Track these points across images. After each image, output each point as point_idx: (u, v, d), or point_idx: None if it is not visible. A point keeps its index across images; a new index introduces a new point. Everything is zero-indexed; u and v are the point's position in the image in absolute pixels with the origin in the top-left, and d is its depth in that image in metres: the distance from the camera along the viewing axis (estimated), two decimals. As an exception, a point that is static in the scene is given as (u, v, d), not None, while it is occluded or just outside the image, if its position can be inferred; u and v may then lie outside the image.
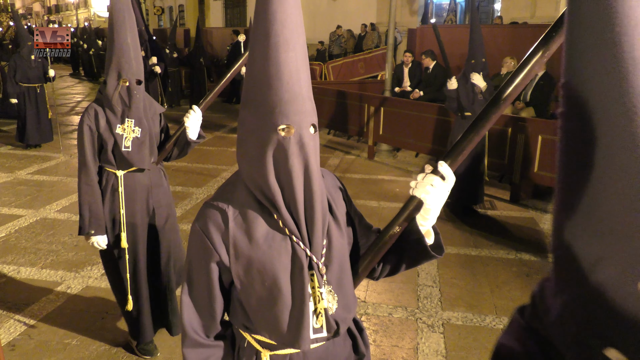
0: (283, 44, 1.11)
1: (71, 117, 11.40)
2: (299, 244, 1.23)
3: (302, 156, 1.18)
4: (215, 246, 1.24)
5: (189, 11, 26.67)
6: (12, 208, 5.53)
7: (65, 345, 3.17)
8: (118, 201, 2.77)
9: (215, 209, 1.26)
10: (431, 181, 1.29)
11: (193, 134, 2.73)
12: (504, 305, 3.71)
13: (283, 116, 1.13)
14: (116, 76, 2.57)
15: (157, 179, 2.92)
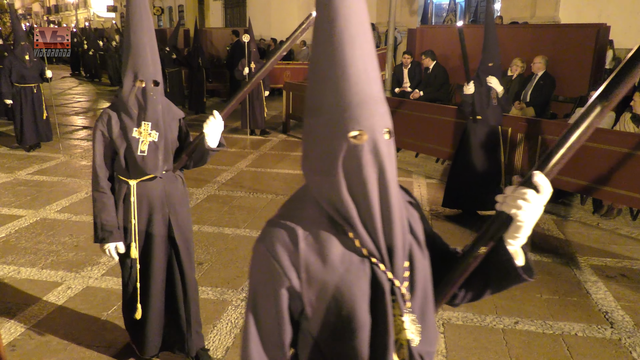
0: (349, 41, 1.01)
1: (71, 118, 11.40)
2: (379, 265, 1.09)
3: (377, 165, 1.04)
4: (285, 270, 1.09)
5: (188, 11, 26.68)
6: (12, 208, 5.53)
7: (65, 345, 3.17)
8: (130, 211, 2.68)
9: (282, 227, 1.11)
10: (523, 194, 1.13)
11: (213, 142, 2.59)
12: (505, 305, 3.71)
13: (354, 121, 1.01)
14: (132, 77, 2.47)
15: (173, 187, 2.78)
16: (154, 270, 2.80)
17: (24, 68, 7.64)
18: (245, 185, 6.47)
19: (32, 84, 7.82)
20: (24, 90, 7.79)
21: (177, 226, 2.80)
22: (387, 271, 1.09)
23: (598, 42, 7.08)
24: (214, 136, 2.58)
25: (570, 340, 3.30)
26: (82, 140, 9.09)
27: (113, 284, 3.93)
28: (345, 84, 1.01)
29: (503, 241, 1.17)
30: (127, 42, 2.46)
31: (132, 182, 2.65)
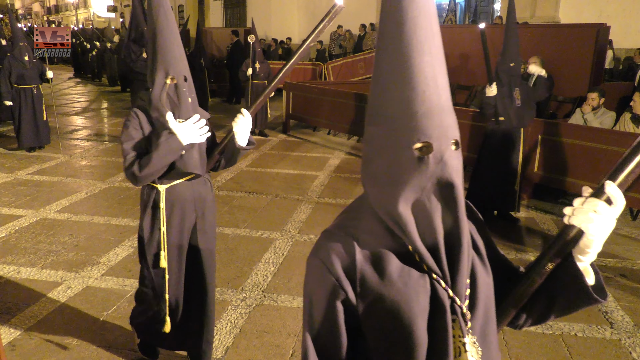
0: (417, 47, 0.95)
1: (71, 118, 11.40)
2: (440, 282, 1.03)
3: (443, 178, 0.98)
4: (340, 282, 1.03)
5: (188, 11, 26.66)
6: (12, 208, 5.53)
7: (65, 345, 3.17)
8: (159, 218, 2.59)
9: (338, 239, 1.07)
10: (594, 207, 1.04)
11: (242, 140, 2.52)
12: (504, 305, 3.71)
13: (420, 132, 0.95)
14: (163, 75, 2.40)
15: (203, 191, 2.70)
16: (181, 280, 2.72)
17: (23, 69, 7.58)
18: (245, 185, 6.47)
19: (32, 85, 7.74)
20: (24, 91, 7.72)
21: (203, 234, 2.72)
22: (448, 288, 1.03)
23: (598, 42, 7.08)
24: (243, 134, 2.51)
25: (570, 341, 3.30)
26: (82, 140, 9.09)
27: (113, 284, 3.93)
28: (412, 92, 0.96)
29: (572, 257, 1.09)
30: (154, 41, 2.40)
31: (162, 187, 2.56)
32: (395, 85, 0.97)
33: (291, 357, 3.11)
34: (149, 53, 2.46)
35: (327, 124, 9.54)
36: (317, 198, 5.97)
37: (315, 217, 5.40)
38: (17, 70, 7.57)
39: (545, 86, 5.13)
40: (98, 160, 7.72)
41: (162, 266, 2.64)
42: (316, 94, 9.51)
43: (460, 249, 1.02)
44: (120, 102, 14.15)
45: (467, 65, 8.83)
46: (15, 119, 7.85)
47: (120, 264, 4.26)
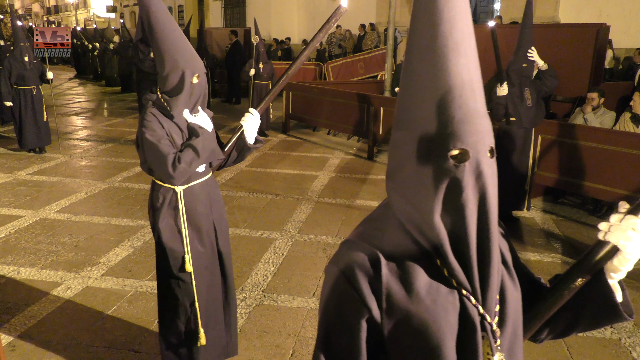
0: (453, 48, 0.90)
1: (71, 118, 11.40)
2: (470, 298, 0.97)
3: (478, 188, 0.93)
4: (365, 298, 0.96)
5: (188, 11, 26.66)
6: (11, 209, 5.53)
7: (65, 346, 3.17)
8: (179, 220, 2.50)
9: (361, 250, 0.99)
10: (633, 224, 1.00)
11: (251, 138, 2.53)
12: (504, 305, 3.71)
13: (456, 138, 0.89)
14: (190, 74, 2.34)
15: (216, 192, 2.68)
16: (213, 285, 2.65)
17: (23, 69, 7.51)
18: (245, 185, 6.47)
19: (32, 86, 7.67)
20: (24, 92, 7.65)
21: (222, 234, 2.69)
22: (478, 305, 0.97)
23: (598, 42, 7.07)
24: (252, 132, 2.52)
25: (570, 340, 3.30)
26: (81, 141, 9.09)
27: (113, 284, 3.93)
28: (448, 96, 0.90)
29: (604, 274, 1.06)
30: (164, 43, 2.32)
31: (179, 188, 2.49)
32: (428, 88, 0.92)
33: (291, 357, 3.11)
34: (160, 54, 2.34)
35: (327, 124, 9.54)
36: (317, 198, 5.97)
37: (315, 217, 5.40)
38: (17, 70, 7.51)
39: (550, 75, 5.10)
40: (98, 160, 7.72)
41: (187, 270, 2.52)
42: (316, 94, 9.51)
43: (490, 263, 0.96)
44: (121, 102, 14.15)
45: (467, 65, 8.82)
46: (15, 120, 7.79)
47: (120, 264, 4.26)
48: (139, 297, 3.75)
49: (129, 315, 3.51)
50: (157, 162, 2.33)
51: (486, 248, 0.95)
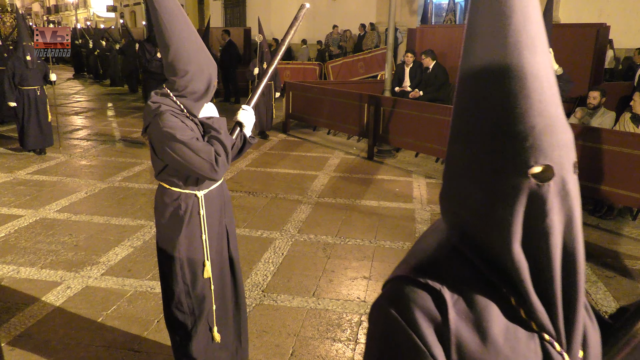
0: (528, 44, 0.76)
1: (70, 118, 11.39)
2: (553, 344, 0.82)
3: (564, 211, 0.78)
4: (429, 346, 0.79)
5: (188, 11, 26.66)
6: (11, 208, 5.53)
7: (65, 345, 3.17)
8: (199, 226, 2.42)
9: (421, 288, 0.82)
10: None
11: (249, 132, 2.51)
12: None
13: (538, 152, 0.74)
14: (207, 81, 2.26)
15: (227, 193, 2.62)
16: (227, 288, 2.61)
17: (27, 70, 7.43)
18: (244, 185, 6.47)
19: (35, 86, 7.56)
20: (27, 93, 7.53)
21: (233, 239, 2.63)
22: (564, 352, 0.82)
23: (598, 42, 7.08)
24: (249, 127, 2.50)
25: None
26: (81, 140, 9.09)
27: (112, 283, 3.93)
28: (525, 101, 0.74)
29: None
30: (186, 45, 2.20)
31: (201, 192, 2.41)
32: (498, 92, 0.76)
33: (291, 357, 3.11)
34: (180, 57, 2.20)
35: (327, 124, 9.54)
36: (317, 198, 5.97)
37: (315, 216, 5.40)
38: (20, 71, 7.43)
39: (566, 79, 5.02)
40: (98, 160, 7.71)
41: (206, 276, 2.46)
42: (316, 93, 9.51)
43: (577, 300, 0.80)
44: (121, 101, 14.15)
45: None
46: (18, 120, 7.68)
47: (119, 264, 4.25)
48: (139, 296, 3.74)
49: (129, 314, 3.51)
50: (196, 161, 2.18)
51: (573, 283, 0.80)
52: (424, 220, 5.32)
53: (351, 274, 4.16)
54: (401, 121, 7.61)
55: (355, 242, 4.77)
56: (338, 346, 3.20)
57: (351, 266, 4.28)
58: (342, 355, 3.11)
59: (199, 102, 2.29)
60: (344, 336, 3.30)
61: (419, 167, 7.49)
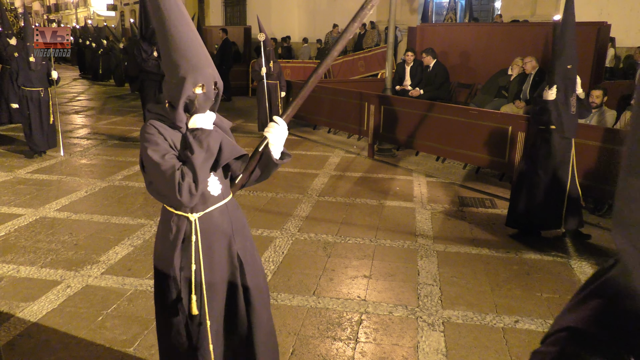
0: None
1: (70, 117, 11.38)
2: None
3: None
4: None
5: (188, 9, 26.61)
6: (11, 207, 5.53)
7: (65, 345, 3.16)
8: (190, 253, 2.09)
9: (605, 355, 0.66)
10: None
11: (277, 152, 2.15)
12: (505, 303, 3.71)
13: None
14: (192, 84, 1.94)
15: (238, 216, 2.25)
16: (238, 326, 2.24)
17: (30, 70, 7.22)
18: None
19: (39, 88, 7.36)
20: (30, 94, 7.32)
21: (250, 266, 2.25)
22: None
23: (598, 41, 7.06)
24: (278, 145, 2.15)
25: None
26: (81, 139, 9.08)
27: (113, 282, 3.92)
28: None
29: None
30: (170, 42, 1.96)
31: (194, 215, 2.08)
32: None
33: (291, 356, 3.10)
34: (165, 56, 2.01)
35: (327, 123, 9.53)
36: (317, 196, 5.96)
37: (316, 215, 5.39)
38: (23, 71, 7.23)
39: (585, 107, 4.83)
40: (98, 158, 7.71)
41: (193, 313, 2.12)
42: (316, 92, 9.50)
43: None
44: (121, 100, 14.14)
45: (468, 63, 8.82)
46: (24, 124, 7.48)
47: (119, 263, 4.25)
48: (139, 295, 3.74)
49: (129, 313, 3.50)
50: (160, 181, 1.96)
51: None
52: (424, 219, 5.32)
53: (351, 272, 4.15)
54: (401, 120, 7.60)
55: (355, 240, 4.76)
56: (338, 345, 3.20)
57: (351, 265, 4.28)
58: (342, 354, 3.11)
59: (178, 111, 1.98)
60: (344, 335, 3.29)
61: (419, 165, 7.48)
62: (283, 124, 2.16)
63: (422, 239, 4.83)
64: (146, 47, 7.81)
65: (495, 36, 8.56)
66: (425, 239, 4.81)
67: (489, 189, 6.39)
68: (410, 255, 4.47)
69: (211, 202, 2.11)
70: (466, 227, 5.16)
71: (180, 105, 1.96)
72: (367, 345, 3.20)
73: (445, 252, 4.56)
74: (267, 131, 2.13)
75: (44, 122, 7.52)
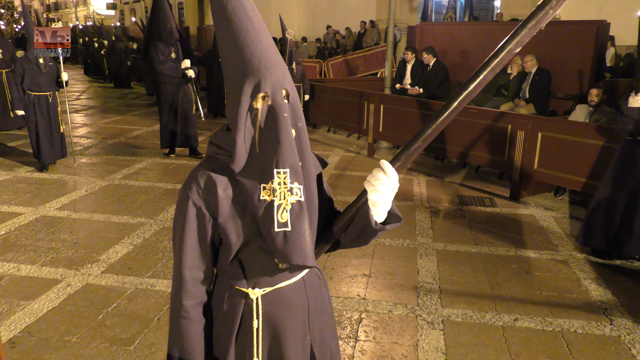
0: None
1: (71, 116, 11.37)
2: None
3: None
4: None
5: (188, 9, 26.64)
6: (11, 206, 5.53)
7: (65, 343, 3.17)
8: (251, 343, 1.52)
9: None
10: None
11: (382, 213, 1.43)
12: (504, 302, 3.71)
13: None
14: (249, 92, 1.31)
15: (319, 295, 1.62)
16: None
17: (38, 73, 6.62)
18: (245, 183, 6.46)
19: (48, 92, 6.75)
20: (38, 99, 6.69)
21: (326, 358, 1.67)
22: None
23: (598, 39, 7.07)
24: (384, 205, 1.42)
25: (570, 337, 3.30)
26: (81, 138, 9.08)
27: (113, 281, 3.93)
28: None
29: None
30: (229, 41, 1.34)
31: (256, 292, 1.49)
32: None
33: (291, 354, 3.11)
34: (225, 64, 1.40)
35: (327, 121, 9.54)
36: (317, 195, 5.95)
37: (315, 214, 5.39)
38: (31, 74, 6.61)
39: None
40: (98, 157, 7.71)
41: None
42: (316, 91, 9.51)
43: None
44: (121, 99, 14.15)
45: (467, 62, 8.82)
46: (31, 132, 6.83)
47: (120, 262, 4.26)
48: (139, 294, 3.75)
49: (129, 312, 3.51)
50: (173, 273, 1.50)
51: None
52: (424, 218, 5.32)
53: (351, 271, 4.16)
54: (401, 118, 7.61)
55: (355, 239, 4.76)
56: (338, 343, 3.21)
57: (351, 264, 4.29)
58: (342, 353, 3.12)
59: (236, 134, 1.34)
60: (344, 333, 3.30)
61: (419, 165, 7.49)
62: (394, 175, 1.40)
63: (422, 237, 4.84)
64: (163, 49, 7.21)
65: (495, 35, 8.55)
66: (424, 238, 4.82)
67: (489, 188, 6.39)
68: (410, 254, 4.48)
69: (282, 275, 1.51)
70: (466, 225, 5.17)
71: (239, 129, 1.32)
72: (367, 344, 3.21)
73: (445, 250, 4.56)
74: (368, 184, 1.42)
75: (54, 130, 6.90)
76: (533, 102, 6.87)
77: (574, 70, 7.25)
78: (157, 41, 7.30)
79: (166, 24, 7.18)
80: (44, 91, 6.73)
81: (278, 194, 1.34)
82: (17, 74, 6.64)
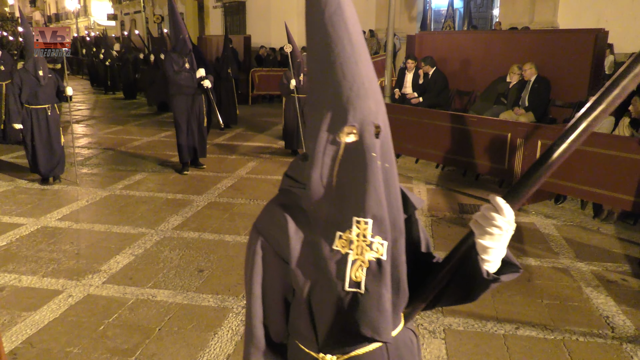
0: None
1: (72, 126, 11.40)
2: None
3: None
4: None
5: (189, 19, 26.77)
6: (12, 216, 5.54)
7: (66, 354, 3.17)
8: None
9: None
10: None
11: (495, 261, 1.19)
12: (505, 310, 3.71)
13: None
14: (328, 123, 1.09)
15: None
16: None
17: (37, 86, 6.43)
18: (245, 193, 6.48)
19: (46, 105, 6.54)
20: (36, 113, 6.50)
21: None
22: None
23: (596, 47, 7.10)
24: (497, 251, 1.17)
25: (572, 345, 3.30)
26: (82, 149, 9.11)
27: (114, 291, 3.93)
28: None
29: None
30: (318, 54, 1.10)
31: (328, 359, 1.25)
32: None
33: None
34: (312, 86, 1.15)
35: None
36: (317, 204, 5.96)
37: (316, 223, 5.40)
38: (30, 86, 6.42)
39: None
40: (99, 168, 7.73)
41: None
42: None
43: None
44: (122, 109, 14.19)
45: (466, 70, 8.86)
46: (27, 144, 6.65)
47: (121, 272, 4.26)
48: (140, 304, 3.75)
49: (131, 322, 3.51)
50: None
51: None
52: (425, 227, 5.32)
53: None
54: (401, 127, 7.63)
55: (356, 248, 4.76)
56: None
57: (352, 273, 4.28)
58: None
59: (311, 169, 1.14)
60: (346, 343, 3.29)
61: (419, 173, 7.50)
62: (509, 214, 1.15)
63: (423, 246, 4.83)
64: (177, 59, 7.14)
65: (494, 43, 8.59)
66: (425, 246, 4.82)
67: (489, 196, 6.39)
68: (411, 263, 4.47)
69: (356, 343, 1.24)
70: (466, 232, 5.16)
71: (316, 163, 1.12)
72: (368, 353, 3.20)
73: (446, 259, 4.56)
74: (477, 223, 1.19)
75: (54, 143, 6.67)
76: (532, 110, 6.89)
77: (573, 78, 7.27)
78: (171, 52, 7.32)
79: (179, 35, 7.19)
80: (42, 104, 6.54)
81: (355, 247, 1.13)
82: (15, 86, 6.47)
